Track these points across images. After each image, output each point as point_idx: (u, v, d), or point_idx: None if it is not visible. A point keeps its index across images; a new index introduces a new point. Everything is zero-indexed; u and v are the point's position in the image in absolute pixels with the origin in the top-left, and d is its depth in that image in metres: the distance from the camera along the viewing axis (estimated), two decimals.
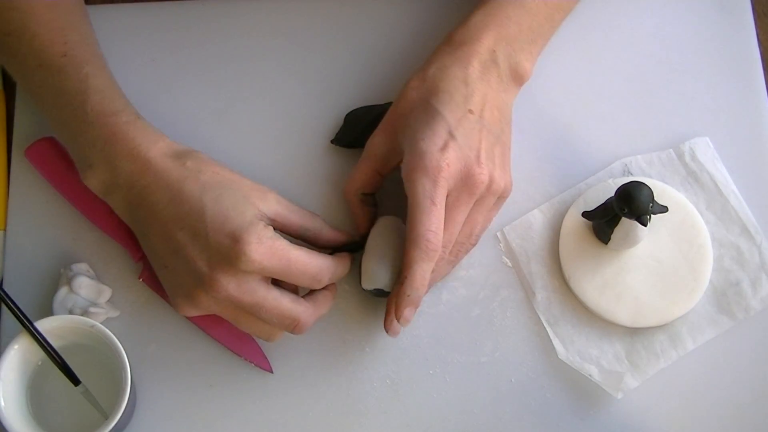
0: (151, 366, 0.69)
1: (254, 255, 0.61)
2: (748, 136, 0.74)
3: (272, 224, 0.64)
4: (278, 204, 0.65)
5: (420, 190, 0.63)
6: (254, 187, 0.65)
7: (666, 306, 0.69)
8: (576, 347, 0.69)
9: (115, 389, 0.63)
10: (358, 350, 0.70)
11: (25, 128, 0.74)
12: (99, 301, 0.69)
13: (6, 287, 0.70)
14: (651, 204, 0.64)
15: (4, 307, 0.65)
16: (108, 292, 0.70)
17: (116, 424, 0.62)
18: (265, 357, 0.69)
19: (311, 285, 0.65)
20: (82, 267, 0.70)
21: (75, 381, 0.64)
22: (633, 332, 0.70)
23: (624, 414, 0.68)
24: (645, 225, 0.65)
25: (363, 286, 0.67)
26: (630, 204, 0.64)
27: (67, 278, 0.69)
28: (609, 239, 0.68)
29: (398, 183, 0.71)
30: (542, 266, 0.71)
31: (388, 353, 0.69)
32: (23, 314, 0.63)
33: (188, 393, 0.69)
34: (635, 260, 0.70)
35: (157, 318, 0.70)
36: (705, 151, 0.73)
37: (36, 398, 0.66)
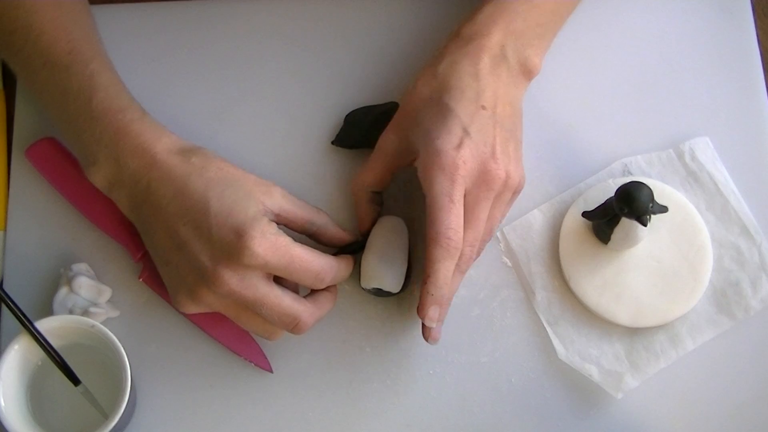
0: (151, 366, 0.69)
1: (258, 249, 0.60)
2: (748, 136, 0.74)
3: (277, 219, 0.64)
4: (283, 199, 0.65)
5: (438, 189, 0.63)
6: (259, 182, 0.65)
7: (666, 306, 0.69)
8: (576, 347, 0.69)
9: (115, 389, 0.63)
10: (358, 350, 0.70)
11: (25, 128, 0.74)
12: (99, 301, 0.69)
13: (6, 287, 0.70)
14: (651, 204, 0.64)
15: (4, 307, 0.65)
16: (108, 292, 0.70)
17: (116, 424, 0.62)
18: (265, 357, 0.69)
19: (313, 283, 0.64)
20: (82, 267, 0.70)
21: (75, 381, 0.64)
22: (633, 332, 0.69)
23: (624, 414, 0.68)
24: (645, 225, 0.65)
25: (362, 285, 0.67)
26: (630, 204, 0.64)
27: (67, 278, 0.69)
28: (609, 239, 0.68)
29: (401, 183, 0.71)
30: (542, 266, 0.71)
31: (388, 353, 0.69)
32: (23, 314, 0.63)
33: (188, 393, 0.69)
34: (635, 260, 0.70)
35: (157, 318, 0.70)
36: (705, 151, 0.73)
37: (36, 398, 0.66)
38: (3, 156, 0.73)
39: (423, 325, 0.65)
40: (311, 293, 0.66)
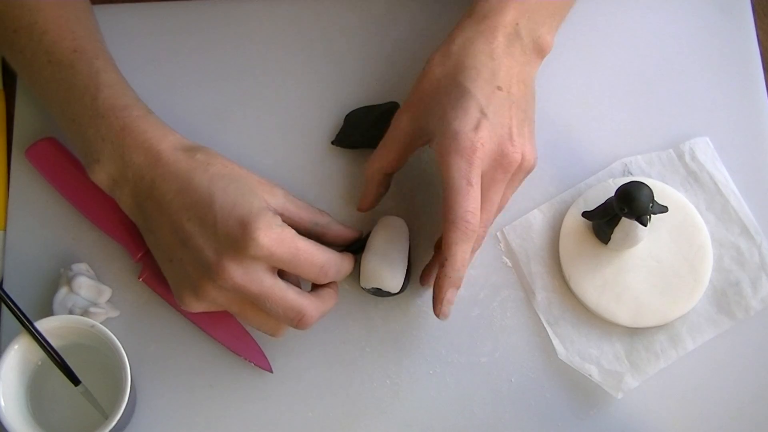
0: (151, 366, 0.69)
1: (263, 240, 0.60)
2: (748, 136, 0.74)
3: (281, 218, 0.64)
4: (285, 199, 0.65)
5: (456, 172, 0.62)
6: (262, 182, 0.65)
7: (666, 306, 0.69)
8: (576, 347, 0.69)
9: (115, 389, 0.63)
10: (358, 350, 0.70)
11: (25, 128, 0.74)
12: (99, 301, 0.69)
13: (6, 287, 0.70)
14: (651, 204, 0.64)
15: (4, 307, 0.65)
16: (108, 292, 0.70)
17: (116, 424, 0.62)
18: (265, 357, 0.69)
19: (317, 277, 0.64)
20: (82, 267, 0.70)
21: (75, 381, 0.64)
22: (633, 332, 0.69)
23: (624, 414, 0.68)
24: (645, 225, 0.65)
25: (362, 285, 0.67)
26: (630, 204, 0.64)
27: (67, 278, 0.69)
28: (609, 239, 0.68)
29: (401, 182, 0.71)
30: (542, 266, 0.71)
31: (388, 353, 0.69)
32: (23, 314, 0.63)
33: (188, 393, 0.69)
34: (635, 260, 0.70)
35: (157, 318, 0.70)
36: (705, 151, 0.73)
37: (36, 398, 0.66)
38: (3, 156, 0.74)
39: (434, 302, 0.65)
40: (313, 289, 0.66)
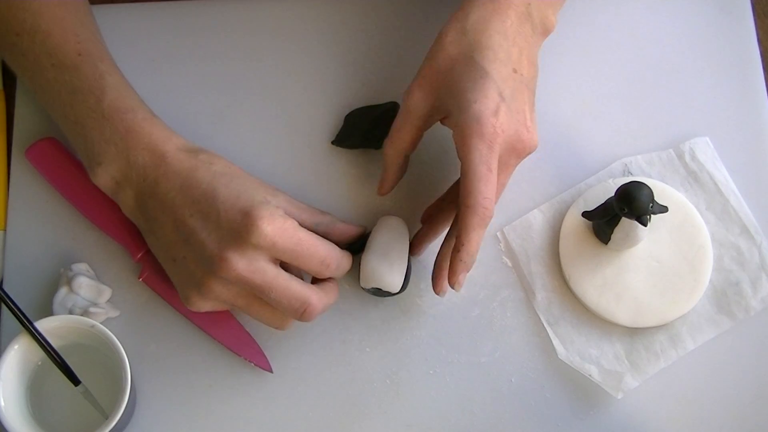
0: (151, 366, 0.69)
1: (266, 229, 0.60)
2: (748, 136, 0.74)
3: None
4: (288, 203, 0.65)
5: (477, 157, 0.62)
6: (265, 185, 0.65)
7: (666, 306, 0.69)
8: (576, 347, 0.69)
9: (115, 389, 0.63)
10: (358, 350, 0.70)
11: (25, 128, 0.74)
12: (99, 301, 0.69)
13: (6, 287, 0.70)
14: (651, 204, 0.64)
15: (4, 307, 0.65)
16: (108, 292, 0.70)
17: (116, 424, 0.62)
18: (265, 357, 0.69)
19: (318, 269, 0.64)
20: (82, 267, 0.70)
21: (75, 381, 0.64)
22: (633, 332, 0.69)
23: (624, 414, 0.68)
24: (645, 225, 0.65)
25: (362, 285, 0.67)
26: (630, 204, 0.64)
27: (67, 278, 0.69)
28: (609, 239, 0.68)
29: (401, 182, 0.71)
30: (542, 266, 0.71)
31: (388, 353, 0.69)
32: (23, 314, 0.63)
33: (188, 393, 0.69)
34: (635, 260, 0.70)
35: (157, 318, 0.70)
36: (705, 151, 0.73)
37: (36, 398, 0.66)
38: (3, 156, 0.74)
39: (439, 281, 0.66)
40: (315, 283, 0.66)
